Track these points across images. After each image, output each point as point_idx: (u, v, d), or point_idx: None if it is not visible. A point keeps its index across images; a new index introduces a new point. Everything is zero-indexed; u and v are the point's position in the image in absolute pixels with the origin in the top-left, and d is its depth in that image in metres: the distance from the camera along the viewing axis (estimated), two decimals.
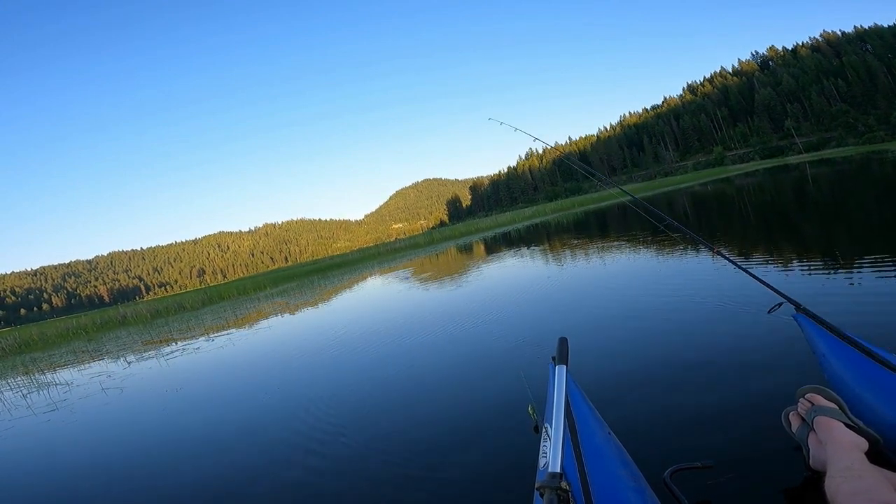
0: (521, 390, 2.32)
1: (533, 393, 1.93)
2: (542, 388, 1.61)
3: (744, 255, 4.89)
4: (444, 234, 32.94)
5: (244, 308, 12.62)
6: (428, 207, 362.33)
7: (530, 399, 2.00)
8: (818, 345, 1.54)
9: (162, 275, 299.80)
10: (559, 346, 1.27)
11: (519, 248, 12.21)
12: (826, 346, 1.50)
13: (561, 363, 1.22)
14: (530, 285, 6.11)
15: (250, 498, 2.07)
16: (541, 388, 1.66)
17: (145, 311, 17.91)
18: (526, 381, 2.16)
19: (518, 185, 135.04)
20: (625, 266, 6.17)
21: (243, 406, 3.56)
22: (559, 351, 1.26)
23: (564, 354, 1.24)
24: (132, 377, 5.66)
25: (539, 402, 1.84)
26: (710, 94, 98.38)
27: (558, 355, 1.25)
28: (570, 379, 1.28)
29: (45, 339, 16.14)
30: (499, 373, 2.97)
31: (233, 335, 7.46)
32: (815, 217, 7.40)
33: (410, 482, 1.87)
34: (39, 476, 3.05)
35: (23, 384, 7.02)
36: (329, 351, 4.72)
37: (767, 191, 15.20)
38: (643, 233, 9.11)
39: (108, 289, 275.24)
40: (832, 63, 75.60)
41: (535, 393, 1.91)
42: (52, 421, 4.32)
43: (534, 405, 1.96)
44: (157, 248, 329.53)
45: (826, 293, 2.99)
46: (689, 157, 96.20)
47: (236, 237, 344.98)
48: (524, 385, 2.25)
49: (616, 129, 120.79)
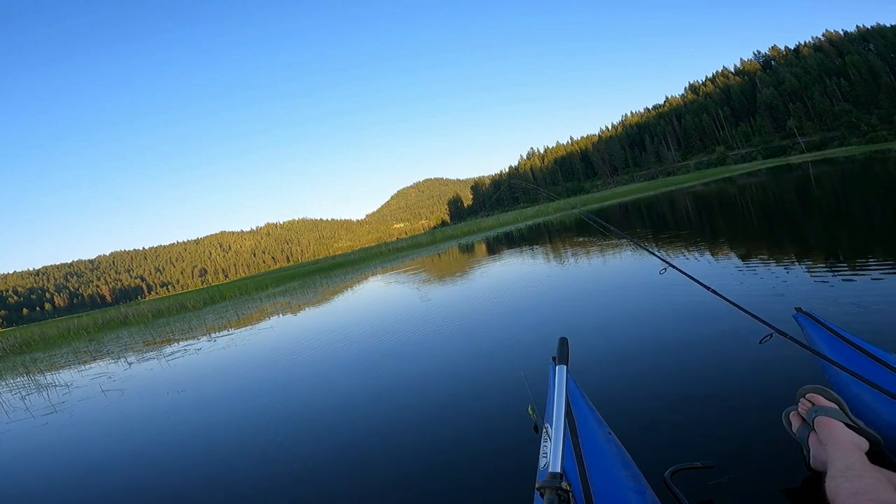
0: (521, 390, 2.31)
1: (533, 393, 1.93)
2: (542, 388, 1.61)
3: (745, 256, 4.87)
4: (447, 233, 32.97)
5: (246, 308, 12.63)
6: (429, 207, 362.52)
7: (530, 399, 2.01)
8: (818, 345, 1.54)
9: (164, 274, 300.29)
10: (559, 346, 1.27)
11: (520, 248, 12.21)
12: (826, 347, 1.50)
13: (561, 363, 1.23)
14: (529, 284, 6.12)
15: (252, 501, 2.05)
16: (541, 388, 1.66)
17: (147, 311, 17.93)
18: (526, 381, 2.16)
19: (520, 184, 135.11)
20: (623, 265, 6.18)
21: (245, 409, 3.50)
22: (559, 351, 1.26)
23: (565, 354, 1.25)
24: (133, 378, 5.62)
25: (539, 402, 1.84)
26: (712, 94, 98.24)
27: (559, 355, 1.25)
28: (570, 379, 1.28)
29: (47, 339, 16.12)
30: (499, 372, 2.97)
31: (235, 335, 7.46)
32: (817, 217, 7.38)
33: (411, 482, 1.87)
34: (32, 483, 2.97)
35: (22, 385, 6.98)
36: (330, 351, 4.72)
37: (770, 190, 15.18)
38: (643, 231, 9.12)
39: (111, 288, 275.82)
40: (835, 62, 75.43)
41: (536, 393, 1.91)
42: (49, 424, 4.24)
43: (534, 405, 1.96)
44: (159, 248, 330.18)
45: (828, 295, 2.98)
46: (692, 156, 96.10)
47: (238, 237, 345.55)
48: (524, 385, 2.25)
49: (618, 128, 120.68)
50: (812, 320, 1.62)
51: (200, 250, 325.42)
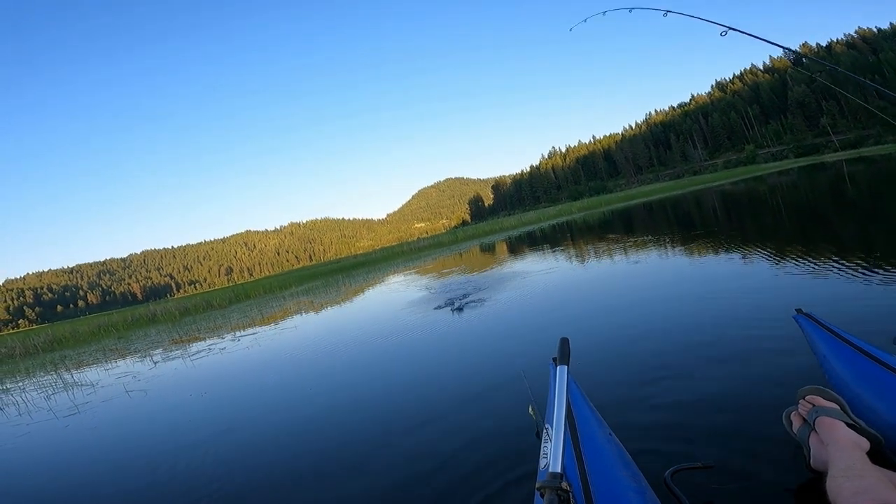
0: (521, 390, 2.32)
1: (534, 393, 1.93)
2: (543, 388, 1.61)
3: (775, 254, 4.76)
4: (468, 232, 32.90)
5: (270, 307, 12.76)
6: (450, 207, 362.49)
7: (531, 399, 2.00)
8: (819, 346, 1.55)
9: (192, 273, 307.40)
10: (560, 347, 1.28)
11: (541, 248, 12.13)
12: (826, 347, 1.51)
13: (562, 363, 1.23)
14: (539, 284, 6.12)
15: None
16: (542, 389, 1.66)
17: (174, 309, 18.16)
18: (527, 381, 2.16)
19: (541, 183, 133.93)
20: (627, 266, 6.15)
21: (267, 414, 3.41)
22: (560, 351, 1.27)
23: (566, 355, 1.26)
24: (157, 378, 5.59)
25: (540, 403, 1.84)
26: (740, 92, 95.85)
27: (559, 356, 1.26)
28: (571, 379, 1.29)
29: (77, 337, 16.25)
30: (499, 372, 2.98)
31: (258, 335, 7.50)
32: (852, 217, 7.15)
33: (410, 481, 1.89)
34: (48, 486, 2.89)
35: (49, 384, 6.98)
36: (348, 350, 4.77)
37: (802, 189, 14.75)
38: (663, 233, 8.97)
39: (141, 286, 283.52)
40: (868, 59, 72.81)
41: (536, 393, 1.91)
42: (69, 427, 4.15)
43: (534, 405, 1.96)
44: (187, 247, 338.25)
45: (855, 297, 2.87)
46: (719, 155, 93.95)
47: (262, 236, 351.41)
48: (525, 385, 2.24)
49: (642, 127, 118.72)
50: (812, 321, 1.62)
51: (226, 249, 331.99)
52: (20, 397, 6.01)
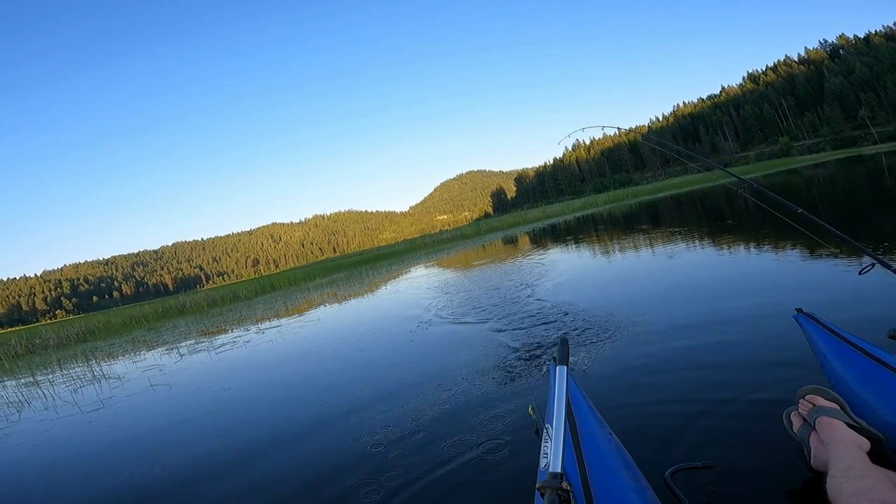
0: (521, 390, 2.30)
1: (534, 393, 1.93)
2: (542, 388, 1.61)
3: (804, 249, 4.63)
4: (491, 224, 32.74)
5: (294, 299, 12.90)
6: (472, 199, 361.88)
7: (531, 399, 2.00)
8: (819, 346, 1.54)
9: (220, 264, 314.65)
10: (560, 347, 1.29)
11: (562, 241, 12.03)
12: (827, 347, 1.51)
13: (562, 364, 1.24)
14: (544, 280, 6.08)
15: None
16: (542, 389, 1.66)
17: (202, 301, 18.45)
18: (527, 381, 2.15)
19: (565, 176, 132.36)
20: (635, 261, 6.06)
21: (289, 408, 3.37)
22: (560, 351, 1.28)
23: (565, 355, 1.27)
24: (182, 372, 5.60)
25: (540, 403, 1.85)
26: (773, 83, 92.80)
27: (559, 356, 1.27)
28: (570, 379, 1.30)
29: (109, 328, 16.42)
30: (500, 372, 2.94)
31: (283, 327, 7.56)
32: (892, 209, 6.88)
33: (410, 481, 1.87)
34: (64, 482, 2.85)
35: (77, 376, 6.96)
36: (365, 345, 4.79)
37: (839, 182, 14.24)
38: (689, 225, 8.77)
39: (173, 277, 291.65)
40: None
41: (536, 393, 1.91)
42: (93, 422, 4.09)
43: (534, 405, 1.96)
44: (216, 239, 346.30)
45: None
46: (751, 147, 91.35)
47: (288, 228, 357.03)
48: (525, 385, 2.24)
49: (669, 119, 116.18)
50: (812, 321, 1.61)
51: (253, 241, 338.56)
52: (48, 391, 6.04)
